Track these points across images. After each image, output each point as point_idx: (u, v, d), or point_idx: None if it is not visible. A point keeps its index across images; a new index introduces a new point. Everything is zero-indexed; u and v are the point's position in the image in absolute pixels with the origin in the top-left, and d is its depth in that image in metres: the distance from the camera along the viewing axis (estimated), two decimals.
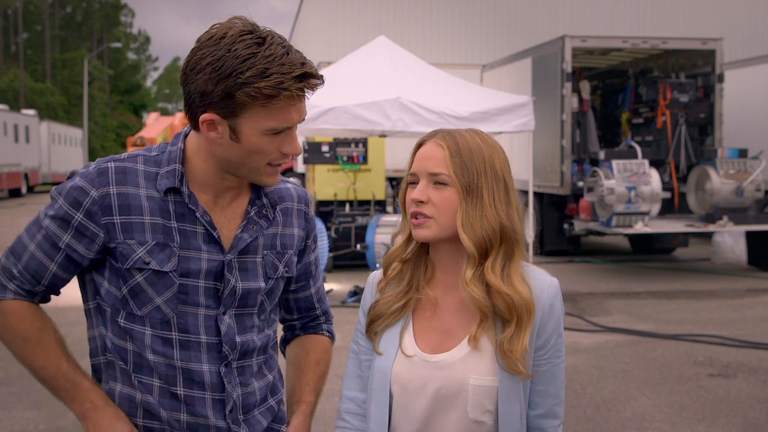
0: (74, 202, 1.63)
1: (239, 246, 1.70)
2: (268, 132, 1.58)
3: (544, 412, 1.73)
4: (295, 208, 1.84)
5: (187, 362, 1.66)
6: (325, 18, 25.35)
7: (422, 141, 1.72)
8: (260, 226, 1.74)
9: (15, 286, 1.68)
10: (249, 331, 1.73)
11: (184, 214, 1.66)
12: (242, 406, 1.72)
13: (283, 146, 1.62)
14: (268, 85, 1.51)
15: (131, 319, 1.66)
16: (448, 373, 1.65)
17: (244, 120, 1.57)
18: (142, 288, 1.64)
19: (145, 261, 1.63)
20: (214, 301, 1.68)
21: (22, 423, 4.86)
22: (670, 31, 21.52)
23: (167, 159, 1.67)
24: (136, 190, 1.64)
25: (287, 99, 1.55)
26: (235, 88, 1.52)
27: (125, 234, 1.63)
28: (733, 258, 11.45)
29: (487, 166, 1.65)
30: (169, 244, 1.64)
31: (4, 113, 28.09)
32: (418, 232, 1.67)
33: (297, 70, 1.54)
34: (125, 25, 73.70)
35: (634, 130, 12.32)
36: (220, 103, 1.55)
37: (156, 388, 1.67)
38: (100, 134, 58.22)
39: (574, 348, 6.63)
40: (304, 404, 1.86)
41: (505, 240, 1.65)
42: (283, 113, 1.57)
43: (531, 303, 1.63)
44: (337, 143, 10.72)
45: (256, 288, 1.72)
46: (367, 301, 1.80)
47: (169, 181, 1.64)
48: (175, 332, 1.66)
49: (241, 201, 1.74)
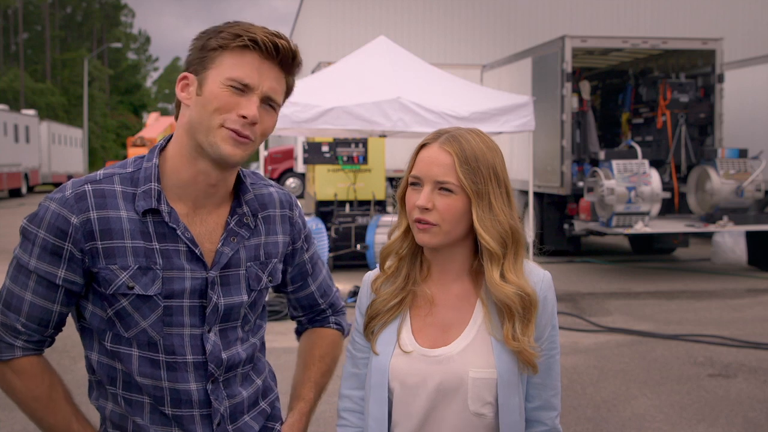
0: (59, 233, 1.57)
1: (221, 261, 1.66)
2: (229, 82, 1.56)
3: (542, 404, 1.75)
4: (278, 214, 1.80)
5: (174, 383, 1.64)
6: (325, 18, 25.35)
7: (425, 143, 1.72)
8: (241, 236, 1.70)
9: (23, 342, 1.62)
10: (233, 345, 1.70)
11: (165, 234, 1.61)
12: (230, 416, 1.70)
13: (240, 107, 1.57)
14: (238, 33, 1.56)
15: (118, 341, 1.63)
16: (447, 366, 1.67)
17: (211, 72, 1.58)
18: (128, 312, 1.60)
19: (128, 286, 1.59)
20: (199, 319, 1.65)
21: (23, 423, 4.86)
22: (670, 31, 21.55)
23: (143, 177, 1.63)
24: (117, 213, 1.60)
25: (255, 53, 1.56)
26: (209, 40, 1.59)
27: (107, 259, 1.58)
28: (733, 258, 11.45)
29: (491, 171, 1.68)
30: (151, 267, 1.60)
31: (4, 113, 28.10)
32: (423, 237, 1.68)
33: (271, 31, 1.59)
34: (125, 25, 73.64)
35: (634, 130, 12.31)
36: (194, 60, 1.60)
37: (146, 406, 1.65)
38: (100, 134, 58.19)
39: (574, 348, 6.63)
40: (302, 401, 1.85)
41: (514, 241, 1.70)
42: (249, 67, 1.57)
43: (536, 297, 1.69)
44: (337, 143, 10.72)
45: (239, 302, 1.69)
46: (363, 300, 1.82)
47: (147, 203, 1.60)
48: (162, 354, 1.63)
49: (222, 211, 1.70)
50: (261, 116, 1.60)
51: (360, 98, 8.75)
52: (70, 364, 5.94)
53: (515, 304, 1.66)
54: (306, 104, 8.68)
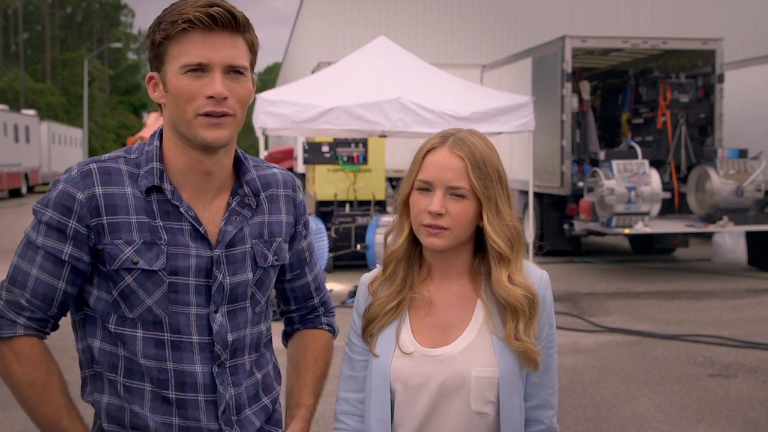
0: (64, 210, 1.58)
1: (225, 239, 1.66)
2: (184, 70, 1.55)
3: (540, 403, 1.76)
4: (282, 193, 1.80)
5: (180, 363, 1.63)
6: (325, 18, 25.35)
7: (432, 146, 1.71)
8: (243, 216, 1.70)
9: (25, 319, 1.61)
10: (242, 328, 1.70)
11: (169, 211, 1.62)
12: (235, 406, 1.69)
13: (204, 89, 1.54)
14: (173, 19, 1.54)
15: (122, 323, 1.63)
16: (450, 366, 1.68)
17: (167, 67, 1.57)
18: (133, 290, 1.60)
19: (133, 261, 1.59)
20: (205, 299, 1.64)
21: (23, 423, 4.86)
22: (670, 32, 21.54)
23: (145, 159, 1.64)
24: (121, 190, 1.61)
25: (196, 31, 1.54)
26: (155, 35, 1.57)
27: (112, 234, 1.59)
28: (733, 258, 11.45)
29: (497, 174, 1.70)
30: (156, 242, 1.60)
31: (4, 113, 28.10)
32: (434, 241, 1.68)
33: (202, 2, 1.55)
34: (125, 25, 73.69)
35: (634, 131, 12.31)
36: (152, 59, 1.60)
37: (147, 393, 1.63)
38: (100, 134, 58.19)
39: (574, 348, 6.63)
40: (303, 408, 1.82)
41: (519, 241, 1.71)
42: (195, 47, 1.54)
43: (537, 295, 1.70)
44: (337, 143, 10.72)
45: (244, 281, 1.69)
46: (361, 302, 1.81)
47: (149, 181, 1.61)
48: (167, 333, 1.62)
49: (224, 196, 1.70)
50: (231, 87, 1.57)
51: (360, 98, 8.74)
52: (70, 364, 5.87)
53: (522, 305, 1.67)
54: (306, 104, 8.68)
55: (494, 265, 1.69)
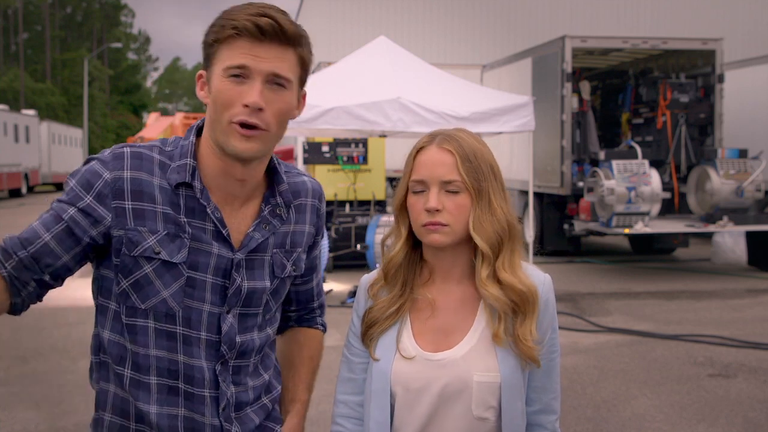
0: (86, 184, 1.58)
1: (250, 245, 1.66)
2: (227, 72, 1.54)
3: (542, 408, 1.74)
4: (309, 203, 1.80)
5: (190, 358, 1.64)
6: (325, 18, 25.35)
7: (422, 146, 1.71)
8: (273, 225, 1.70)
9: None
10: (250, 331, 1.70)
11: (194, 209, 1.61)
12: (235, 404, 1.70)
13: (243, 96, 1.54)
14: (223, 24, 1.55)
15: (133, 313, 1.62)
16: (451, 370, 1.66)
17: (214, 68, 1.58)
18: (150, 280, 1.60)
19: (155, 250, 1.58)
20: (219, 298, 1.65)
21: (23, 423, 4.85)
22: (670, 31, 21.55)
23: (179, 153, 1.64)
24: (150, 178, 1.60)
25: (244, 38, 1.53)
26: (207, 36, 1.58)
27: (136, 220, 1.58)
28: (733, 258, 11.45)
29: (489, 167, 1.69)
30: (180, 235, 1.60)
31: (4, 113, 28.10)
32: (435, 237, 1.67)
33: (255, 10, 1.54)
34: (125, 25, 73.67)
35: (634, 131, 12.32)
36: (204, 58, 1.60)
37: (153, 387, 1.64)
38: (100, 134, 58.16)
39: (574, 348, 6.63)
40: (299, 404, 1.85)
41: (511, 237, 1.69)
42: (241, 52, 1.54)
43: (535, 291, 1.68)
44: (337, 143, 10.72)
45: (261, 288, 1.69)
46: (361, 304, 1.80)
47: (180, 176, 1.60)
48: (180, 326, 1.62)
49: (254, 203, 1.70)
50: (270, 99, 1.56)
51: (360, 98, 8.74)
52: (70, 364, 5.93)
53: (501, 304, 1.65)
54: (306, 104, 8.67)
55: (477, 261, 1.68)
